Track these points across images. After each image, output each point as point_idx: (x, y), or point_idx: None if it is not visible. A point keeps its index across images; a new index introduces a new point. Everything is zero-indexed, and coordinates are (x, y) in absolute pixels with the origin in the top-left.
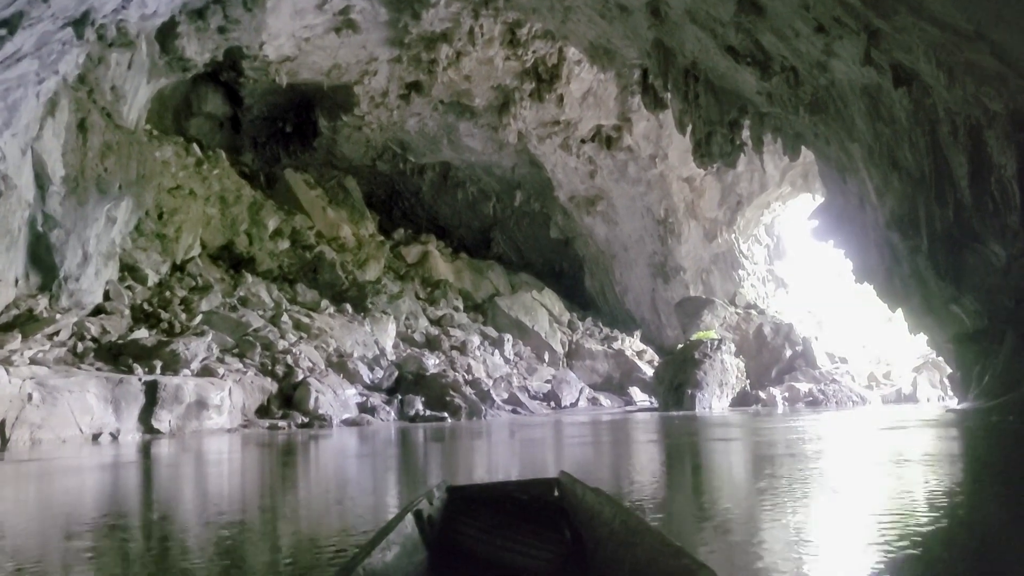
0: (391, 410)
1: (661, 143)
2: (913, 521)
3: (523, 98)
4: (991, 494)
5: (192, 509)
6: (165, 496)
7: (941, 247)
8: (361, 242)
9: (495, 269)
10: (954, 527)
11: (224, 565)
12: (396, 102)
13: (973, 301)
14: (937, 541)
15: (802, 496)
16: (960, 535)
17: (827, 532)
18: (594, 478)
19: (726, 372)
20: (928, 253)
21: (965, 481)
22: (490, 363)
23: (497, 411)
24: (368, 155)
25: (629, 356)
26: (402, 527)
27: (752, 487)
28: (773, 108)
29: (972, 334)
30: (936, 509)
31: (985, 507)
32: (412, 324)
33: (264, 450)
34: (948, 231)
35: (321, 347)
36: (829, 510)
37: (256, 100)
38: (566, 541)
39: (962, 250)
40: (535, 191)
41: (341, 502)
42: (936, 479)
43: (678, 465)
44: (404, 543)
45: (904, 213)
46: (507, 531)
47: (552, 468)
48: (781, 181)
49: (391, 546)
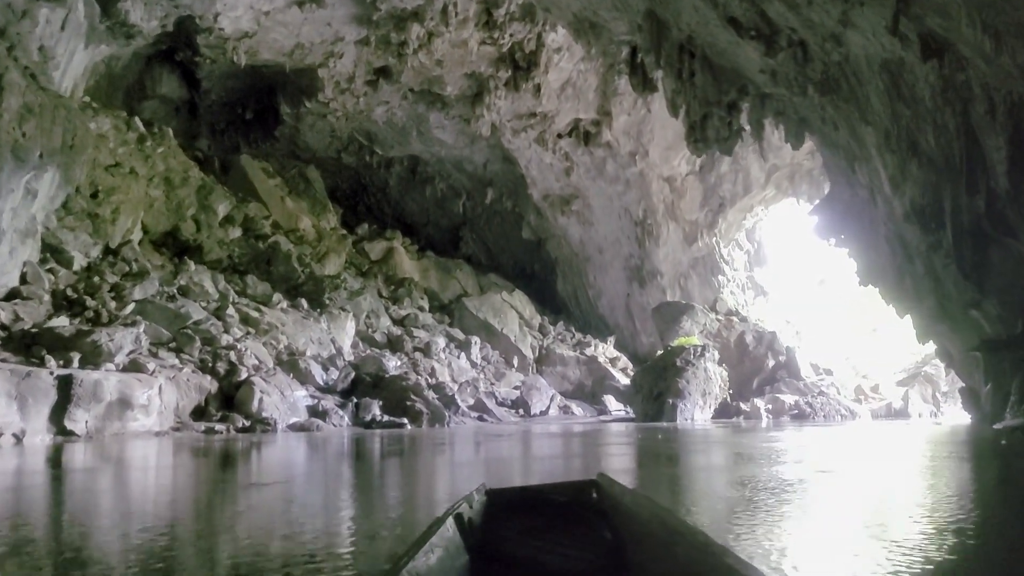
0: (345, 414)
1: (642, 139)
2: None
3: (498, 87)
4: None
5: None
6: (51, 518)
7: (967, 242)
8: (321, 235)
9: (463, 269)
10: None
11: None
12: (363, 88)
13: (997, 305)
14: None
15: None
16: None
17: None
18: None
19: (709, 381)
20: (952, 249)
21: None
22: (456, 367)
23: (462, 418)
24: (333, 146)
25: (602, 363)
26: (444, 530)
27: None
28: (777, 88)
29: (1006, 341)
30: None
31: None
32: (373, 323)
33: (182, 461)
34: (976, 224)
35: (270, 344)
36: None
37: (214, 83)
38: (606, 542)
39: (988, 247)
40: (507, 189)
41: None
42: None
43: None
44: (447, 546)
45: (926, 204)
46: (546, 533)
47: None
48: (766, 183)
49: (434, 549)
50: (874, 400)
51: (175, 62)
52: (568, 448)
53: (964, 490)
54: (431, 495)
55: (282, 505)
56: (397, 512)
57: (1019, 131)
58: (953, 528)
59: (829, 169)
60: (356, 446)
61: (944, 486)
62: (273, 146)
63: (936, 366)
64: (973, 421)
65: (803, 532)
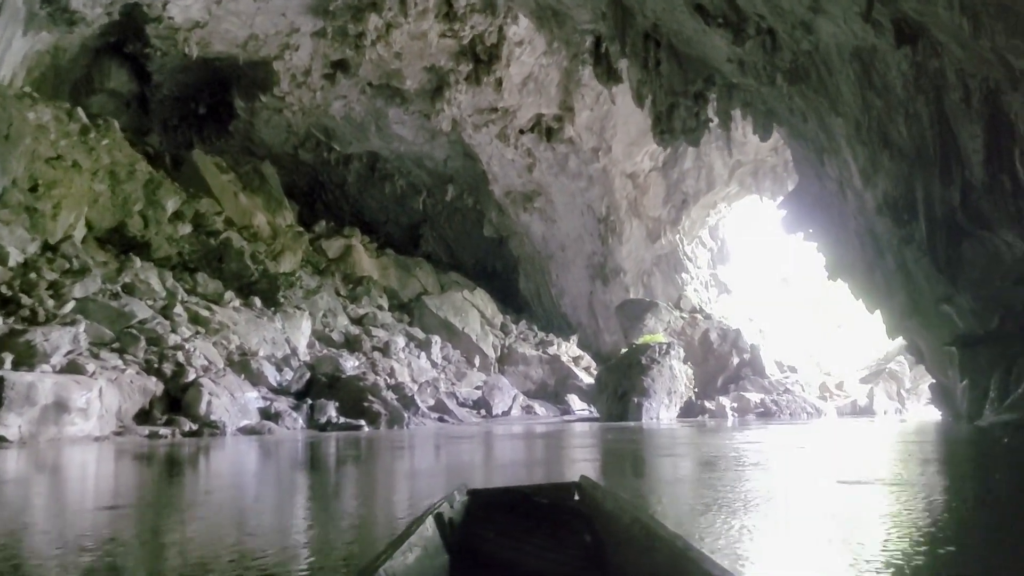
0: (299, 416)
1: (605, 135)
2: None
3: (458, 81)
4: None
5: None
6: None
7: (941, 236)
8: (276, 232)
9: (423, 267)
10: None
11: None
12: (320, 82)
13: (970, 300)
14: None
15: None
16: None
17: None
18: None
19: (675, 380)
20: (925, 242)
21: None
22: (416, 366)
23: (422, 419)
24: (289, 142)
25: (565, 362)
26: (423, 530)
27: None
28: (744, 79)
29: (983, 337)
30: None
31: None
32: (330, 322)
33: (122, 468)
34: (950, 217)
35: (221, 344)
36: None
37: (166, 77)
38: (586, 545)
39: (962, 241)
40: (468, 185)
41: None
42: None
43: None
44: (425, 546)
45: (899, 196)
46: (527, 535)
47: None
48: (729, 179)
49: (412, 548)
50: (839, 397)
51: (124, 55)
52: (531, 453)
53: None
54: (389, 509)
55: (230, 516)
56: (351, 530)
57: (996, 119)
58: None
59: (797, 162)
60: (308, 451)
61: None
62: (227, 142)
63: (900, 363)
64: (944, 418)
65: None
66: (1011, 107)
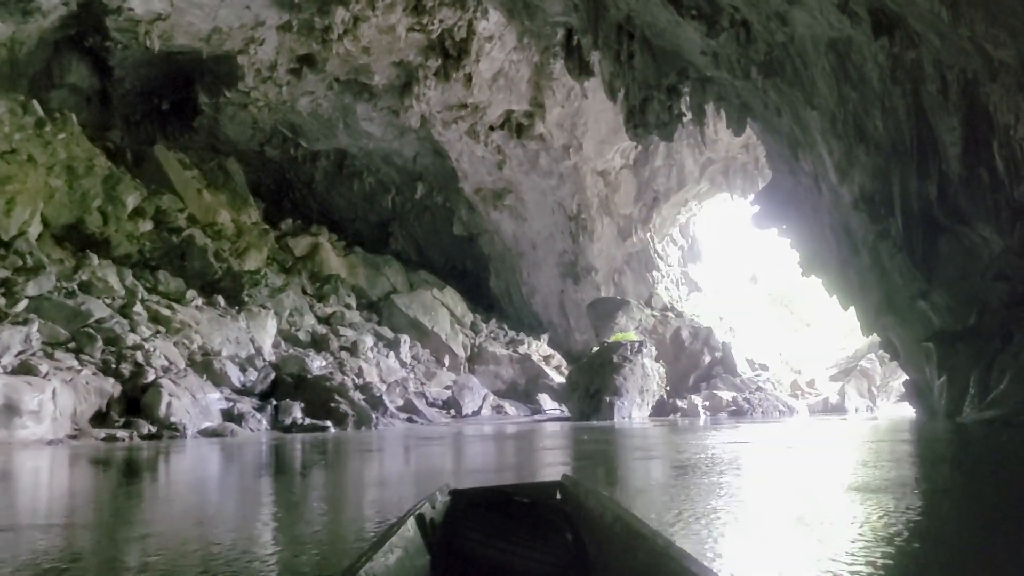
0: (263, 418)
1: (576, 132)
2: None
3: (427, 77)
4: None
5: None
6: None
7: (917, 231)
8: (241, 230)
9: (392, 265)
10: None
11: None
12: (286, 77)
13: (946, 296)
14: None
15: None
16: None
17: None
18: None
19: (647, 378)
20: (901, 238)
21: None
22: (384, 366)
23: (390, 419)
24: (255, 139)
25: (536, 361)
26: (404, 531)
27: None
28: (719, 72)
29: (961, 333)
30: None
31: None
32: (296, 321)
33: (77, 473)
34: (927, 212)
35: (183, 343)
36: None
37: (128, 72)
38: (568, 544)
39: (938, 236)
40: (438, 183)
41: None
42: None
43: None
44: (407, 547)
45: (875, 191)
46: (510, 535)
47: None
48: (700, 177)
49: (393, 549)
50: (810, 395)
51: (85, 49)
52: (502, 456)
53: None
54: (359, 524)
55: (190, 533)
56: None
57: (974, 110)
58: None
59: (771, 157)
60: (271, 455)
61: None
62: (192, 139)
63: (871, 360)
64: (919, 415)
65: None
66: (989, 98)
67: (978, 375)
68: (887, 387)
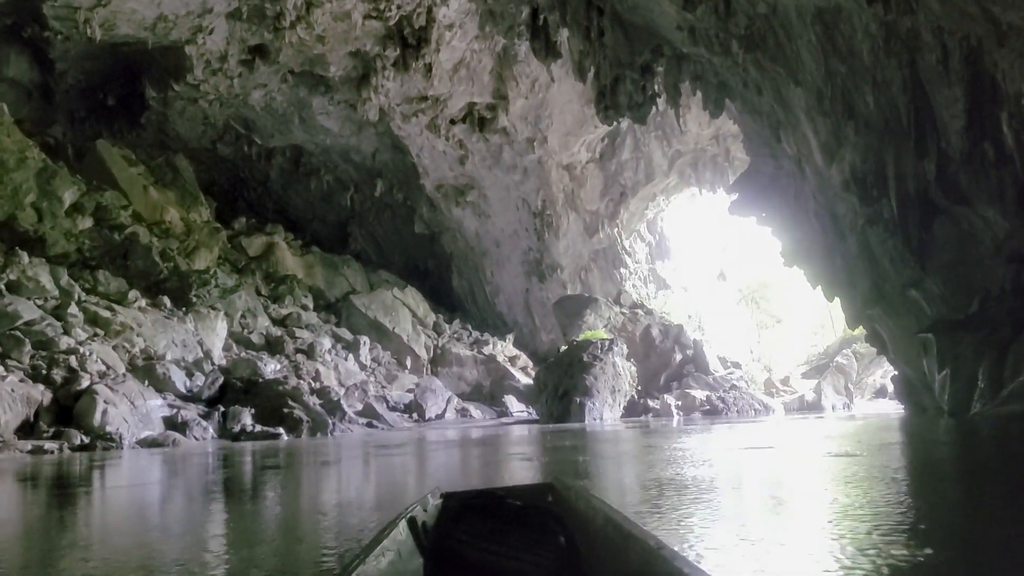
0: (209, 425)
1: (540, 125)
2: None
3: (386, 67)
4: None
5: None
6: None
7: (912, 213)
8: (191, 228)
9: (351, 265)
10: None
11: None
12: (237, 69)
13: (940, 283)
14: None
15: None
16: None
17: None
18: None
19: (619, 377)
20: (895, 222)
21: None
22: (343, 369)
23: (349, 425)
24: (207, 136)
25: (501, 362)
26: (396, 534)
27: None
28: (696, 48)
29: (964, 321)
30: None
31: None
32: (249, 323)
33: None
34: (923, 193)
35: (123, 347)
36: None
37: (71, 65)
38: (560, 546)
39: (934, 220)
40: (398, 180)
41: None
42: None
43: None
44: (398, 550)
45: (867, 171)
46: (501, 537)
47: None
48: (669, 170)
49: (385, 552)
50: (785, 393)
51: (24, 40)
52: (466, 467)
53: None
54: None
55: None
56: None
57: (978, 80)
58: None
59: (749, 140)
60: (211, 468)
61: None
62: (140, 136)
63: (848, 356)
64: (907, 412)
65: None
66: (997, 66)
67: (988, 367)
68: (861, 384)
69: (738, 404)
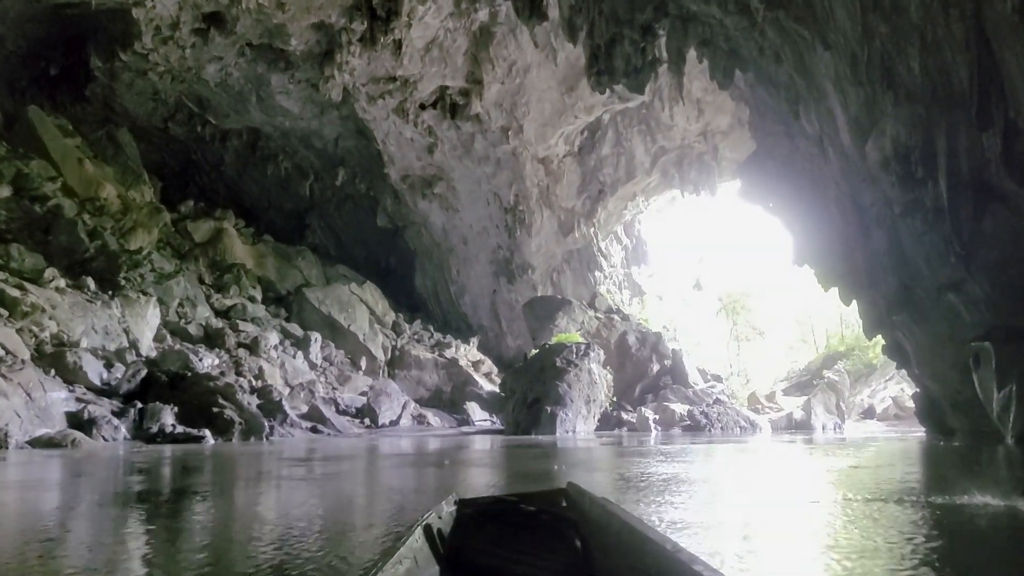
0: (122, 424)
1: (516, 113)
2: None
3: (351, 42)
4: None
5: None
6: None
7: (964, 199)
8: (129, 207)
9: (307, 257)
10: None
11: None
12: (190, 38)
13: (987, 286)
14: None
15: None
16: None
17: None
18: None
19: (594, 386)
20: (941, 209)
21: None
22: (290, 367)
23: (290, 429)
24: (158, 113)
25: (464, 366)
26: (412, 541)
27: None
28: (707, 6)
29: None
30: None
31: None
32: (188, 313)
33: None
34: (979, 174)
35: (30, 330)
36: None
37: (9, 29)
38: (576, 552)
39: (986, 209)
40: (361, 168)
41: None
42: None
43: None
44: (415, 557)
45: (915, 145)
46: (517, 543)
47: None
48: (651, 168)
49: (403, 560)
50: (771, 410)
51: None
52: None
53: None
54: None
55: None
56: None
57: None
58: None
59: (761, 118)
60: (96, 484)
61: None
62: (84, 109)
63: (840, 372)
64: (929, 434)
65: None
66: None
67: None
68: (849, 404)
69: (722, 420)
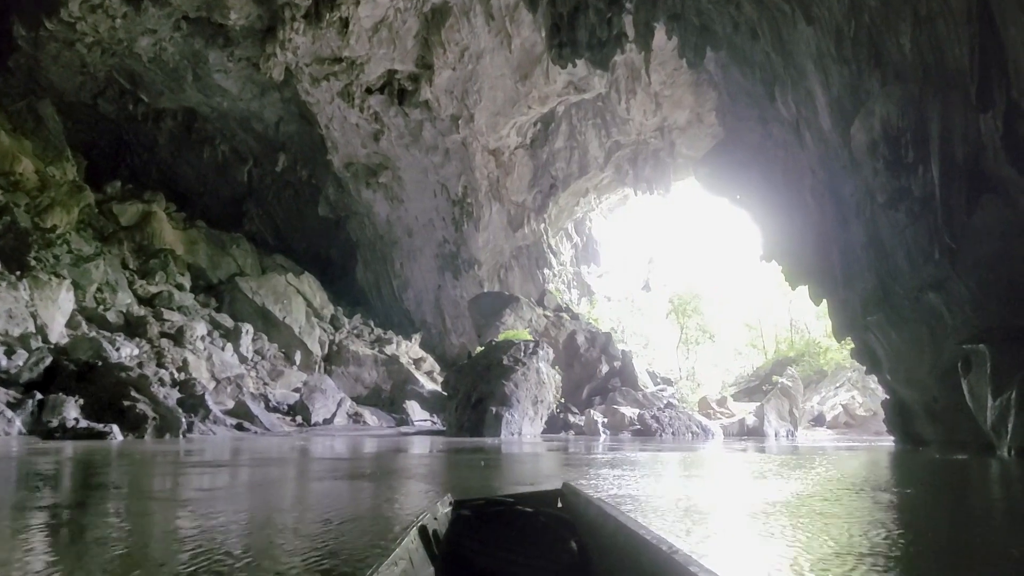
0: (16, 417)
1: (467, 101)
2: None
3: (295, 18)
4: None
5: None
6: None
7: (956, 186)
8: (47, 183)
9: (242, 245)
10: None
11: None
12: (121, 8)
13: (972, 285)
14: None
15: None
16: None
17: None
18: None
19: (543, 386)
20: (931, 197)
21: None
22: (218, 360)
23: (213, 426)
24: (87, 89)
25: (405, 364)
26: (407, 543)
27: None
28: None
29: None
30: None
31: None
32: (107, 298)
33: None
34: (974, 159)
35: None
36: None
37: None
38: (571, 553)
39: (978, 200)
40: (303, 154)
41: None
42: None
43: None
44: (411, 558)
45: (907, 126)
46: (513, 544)
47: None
48: (605, 164)
49: (398, 561)
50: (723, 415)
51: None
52: (356, 498)
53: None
54: None
55: None
56: None
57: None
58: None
59: (731, 102)
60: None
61: None
62: (7, 82)
63: (793, 378)
64: (898, 444)
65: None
66: None
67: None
68: (801, 410)
69: (674, 425)
